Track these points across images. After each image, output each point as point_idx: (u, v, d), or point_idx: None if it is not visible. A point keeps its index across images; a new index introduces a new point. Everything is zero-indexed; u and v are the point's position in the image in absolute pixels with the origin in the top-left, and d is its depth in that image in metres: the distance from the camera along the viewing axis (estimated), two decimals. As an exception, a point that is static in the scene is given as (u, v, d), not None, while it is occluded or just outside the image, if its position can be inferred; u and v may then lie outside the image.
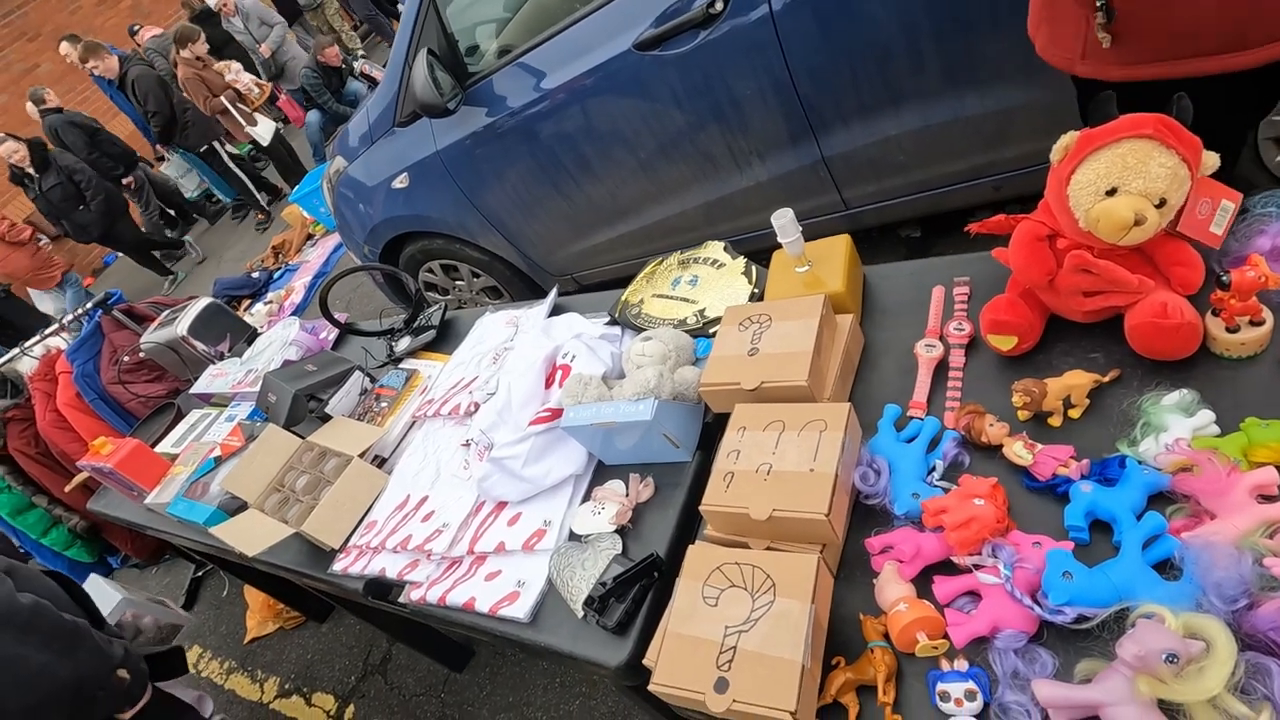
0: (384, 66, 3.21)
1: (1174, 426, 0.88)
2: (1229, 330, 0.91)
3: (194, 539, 2.02)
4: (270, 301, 5.74)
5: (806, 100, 2.22)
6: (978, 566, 0.86)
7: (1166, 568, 0.79)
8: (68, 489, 2.57)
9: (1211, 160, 0.89)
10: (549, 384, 1.49)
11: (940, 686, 0.80)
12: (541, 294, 3.39)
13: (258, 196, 7.39)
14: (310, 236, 6.55)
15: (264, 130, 7.02)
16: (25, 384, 3.01)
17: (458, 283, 3.52)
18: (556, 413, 1.35)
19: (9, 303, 7.17)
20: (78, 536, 3.20)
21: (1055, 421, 0.99)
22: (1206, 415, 0.88)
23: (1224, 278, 0.88)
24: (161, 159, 8.47)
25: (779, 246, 1.33)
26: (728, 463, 1.03)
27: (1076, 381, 0.96)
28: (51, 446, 2.93)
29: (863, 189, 2.45)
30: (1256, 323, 0.90)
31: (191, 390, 2.51)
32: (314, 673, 2.95)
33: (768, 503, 0.94)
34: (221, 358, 2.69)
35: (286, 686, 2.98)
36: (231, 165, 7.18)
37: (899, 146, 2.26)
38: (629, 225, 2.88)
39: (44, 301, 7.55)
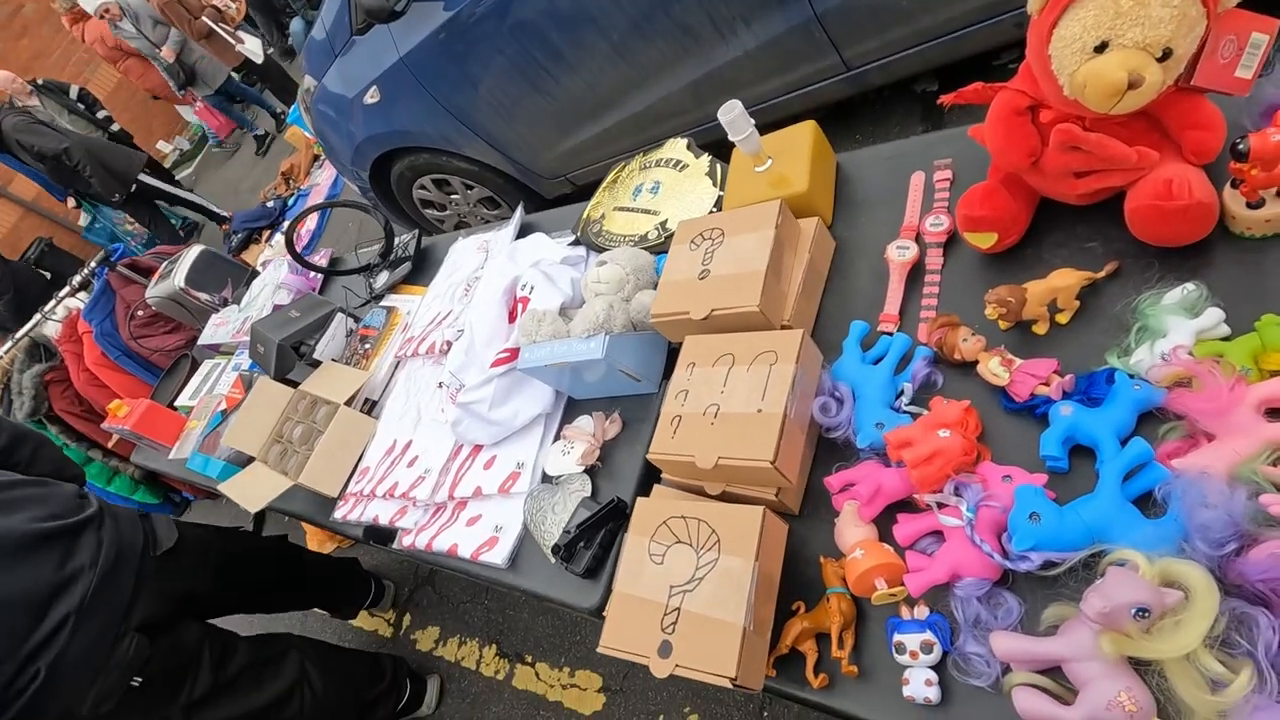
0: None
1: (1174, 330, 0.75)
2: (1251, 205, 0.75)
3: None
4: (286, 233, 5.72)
5: (790, -53, 1.92)
6: (941, 506, 0.78)
7: (1151, 502, 0.70)
8: (110, 444, 2.69)
9: (1236, -13, 0.70)
10: (512, 318, 1.41)
11: (897, 638, 0.75)
12: (538, 200, 3.25)
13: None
14: (316, 157, 6.41)
15: (254, 46, 6.72)
16: (55, 347, 3.11)
17: (453, 197, 3.38)
18: (515, 352, 1.28)
19: (55, 256, 7.21)
20: (139, 483, 3.41)
21: (1041, 329, 0.86)
22: (1214, 314, 0.74)
23: (1240, 145, 0.71)
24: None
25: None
26: (675, 405, 0.95)
27: (1062, 283, 0.82)
28: (93, 404, 3.06)
29: (864, 45, 2.16)
30: (1285, 194, 0.74)
31: (199, 342, 2.53)
32: (372, 586, 3.15)
33: (714, 450, 0.87)
34: (225, 304, 2.69)
35: (350, 600, 3.20)
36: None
37: (902, -12, 1.96)
38: (615, 116, 2.66)
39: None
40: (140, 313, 2.97)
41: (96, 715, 1.42)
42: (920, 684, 0.72)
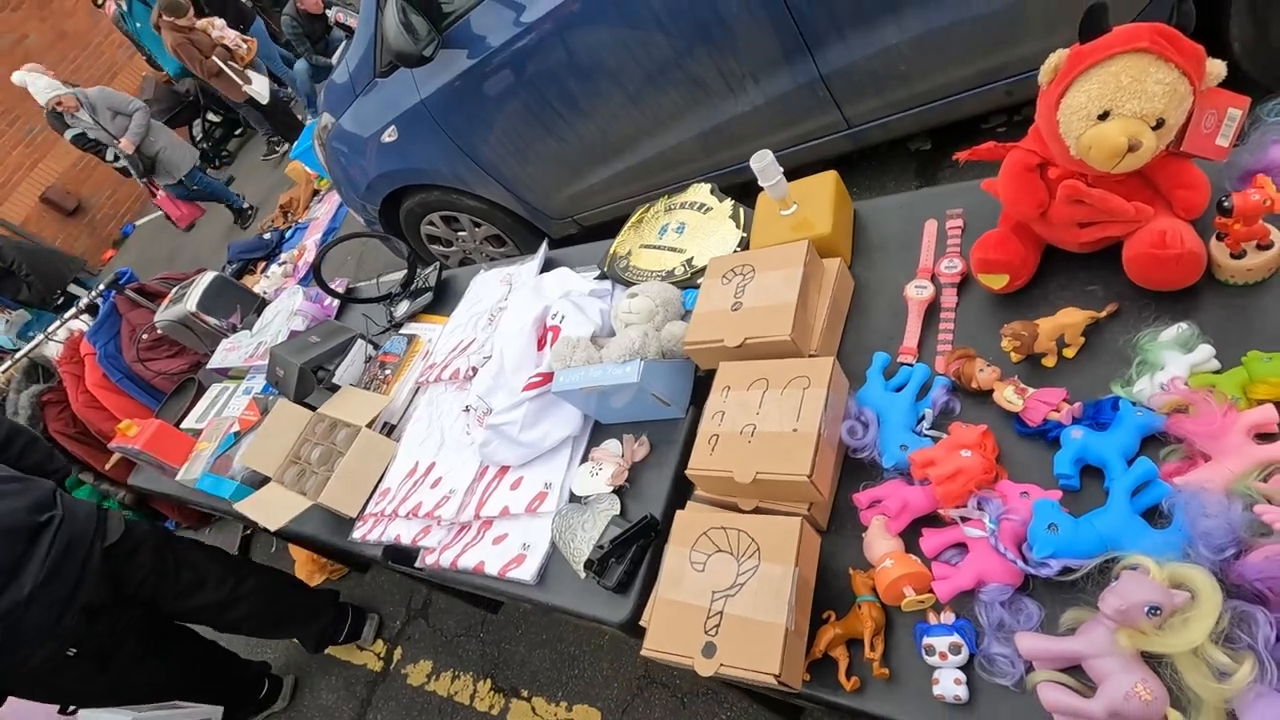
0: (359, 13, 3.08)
1: (1171, 364, 0.84)
2: (1234, 256, 0.86)
3: (225, 509, 2.10)
4: (284, 262, 5.77)
5: (797, 11, 2.07)
6: (964, 519, 0.85)
7: (1156, 515, 0.77)
8: (107, 467, 2.68)
9: (1217, 69, 0.81)
10: (541, 345, 1.48)
11: (926, 640, 0.81)
12: (542, 240, 3.35)
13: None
14: (316, 192, 6.51)
15: (260, 86, 6.86)
16: (55, 368, 3.11)
17: (460, 234, 3.48)
18: (548, 377, 1.35)
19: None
20: (127, 508, 3.36)
21: (1049, 362, 0.95)
22: (1205, 350, 0.83)
23: (1225, 202, 0.81)
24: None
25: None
26: (712, 424, 1.02)
27: (1070, 320, 0.92)
28: (89, 426, 3.04)
29: (865, 105, 2.32)
30: (1264, 246, 0.84)
31: (208, 365, 2.56)
32: (362, 619, 3.11)
33: (751, 465, 0.93)
34: (234, 330, 2.72)
35: (339, 633, 3.15)
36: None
37: (900, 55, 2.11)
38: (624, 162, 2.79)
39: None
40: (145, 336, 2.99)
41: (38, 671, 1.85)
42: (950, 683, 0.78)
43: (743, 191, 1.46)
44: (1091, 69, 0.81)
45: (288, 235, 6.32)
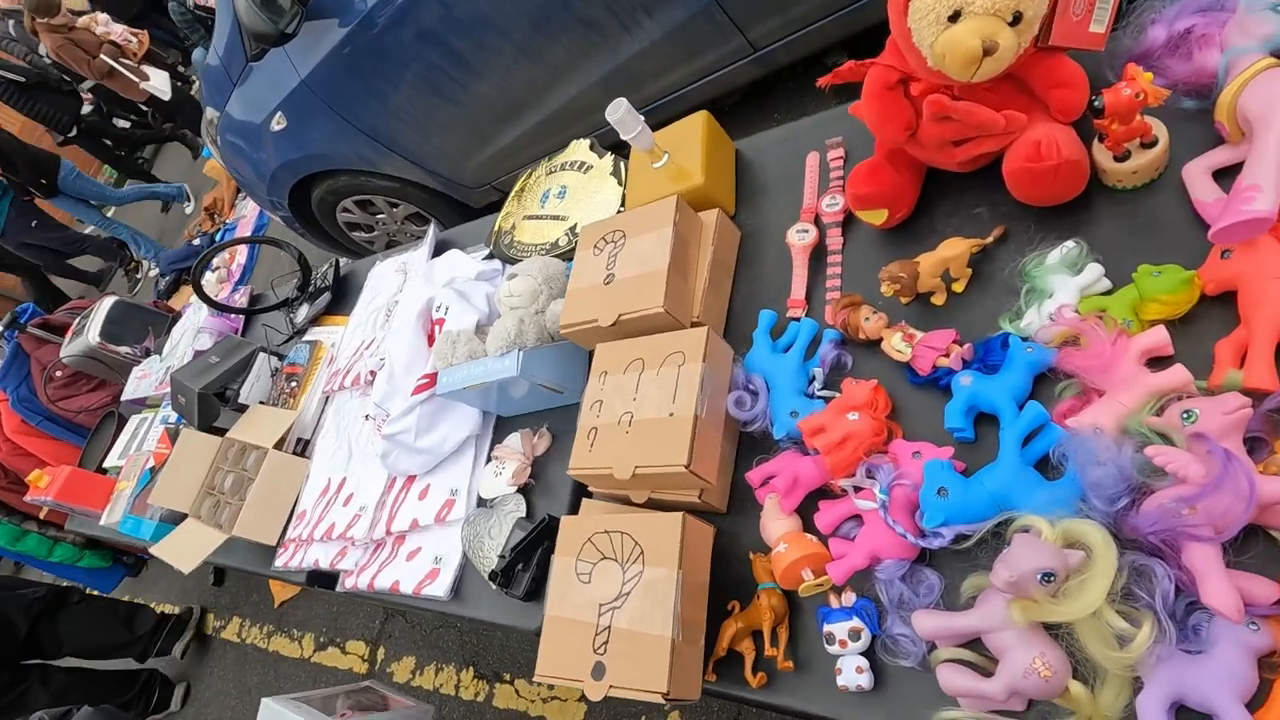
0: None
1: (1059, 290, 0.75)
2: (1118, 159, 0.76)
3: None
4: (217, 268, 5.53)
5: (679, -68, 1.90)
6: (856, 490, 0.78)
7: (1051, 463, 0.70)
8: (42, 514, 2.56)
9: (1077, -55, 0.70)
10: (431, 341, 1.37)
11: (826, 628, 0.75)
12: (465, 212, 3.19)
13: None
14: (240, 189, 6.20)
15: (160, 82, 6.42)
16: (-28, 420, 2.95)
17: (379, 217, 3.29)
18: (434, 377, 1.24)
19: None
20: (83, 548, 3.26)
21: (939, 300, 0.86)
22: (1094, 270, 0.75)
23: (1096, 102, 0.71)
24: None
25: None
26: (591, 416, 0.93)
27: (952, 252, 0.83)
28: (20, 475, 2.90)
29: (768, 25, 2.16)
30: (1148, 144, 0.75)
31: (123, 397, 2.42)
32: (342, 624, 3.08)
33: (629, 459, 0.85)
34: (147, 354, 2.57)
35: (322, 640, 3.12)
36: None
37: (796, -36, 1.96)
38: (531, 118, 2.62)
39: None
40: (58, 373, 2.83)
41: None
42: (851, 672, 0.72)
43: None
44: (935, -37, 0.69)
45: (218, 237, 6.05)
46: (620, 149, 1.39)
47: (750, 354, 0.96)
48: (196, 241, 6.16)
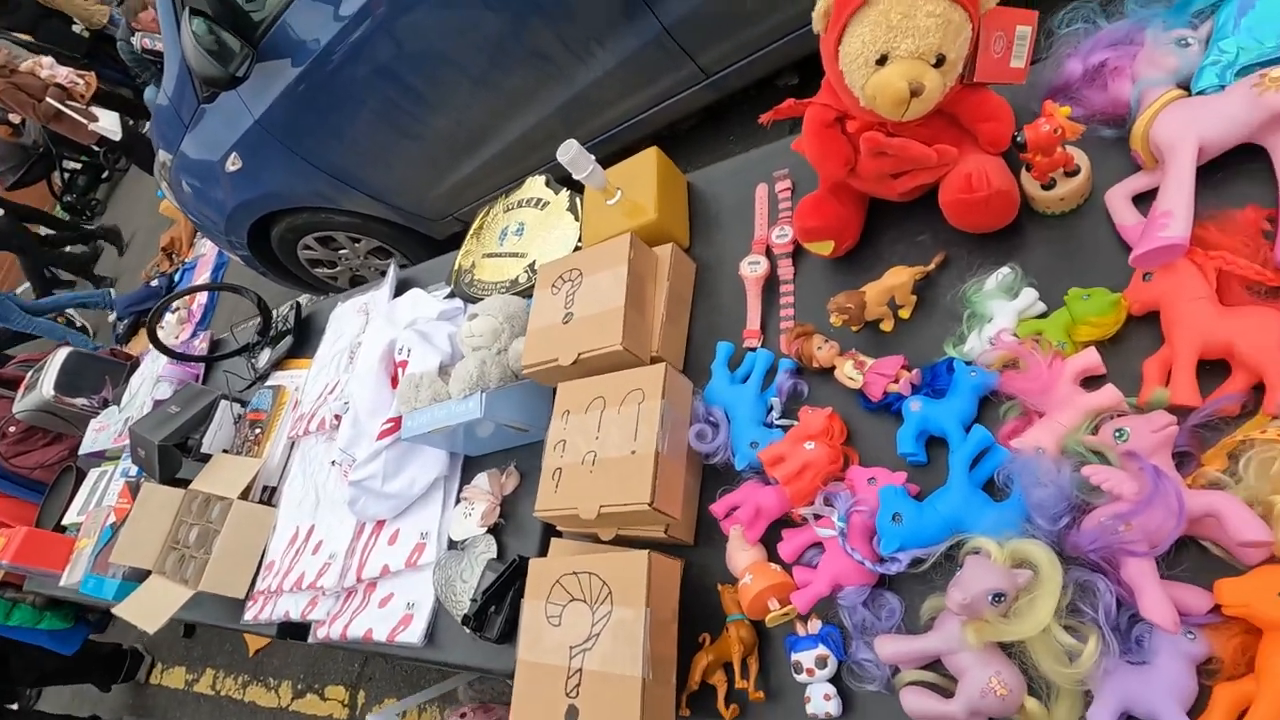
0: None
1: (998, 314, 0.79)
2: (1045, 187, 0.80)
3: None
4: (177, 309, 5.41)
5: (625, -34, 1.94)
6: (816, 517, 0.80)
7: (996, 484, 0.73)
8: (-1, 577, 2.47)
9: (992, -11, 0.74)
10: (395, 383, 1.37)
11: (793, 657, 0.76)
12: (429, 244, 3.18)
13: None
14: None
15: (109, 123, 6.31)
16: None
17: (341, 252, 3.27)
18: (399, 421, 1.24)
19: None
20: (42, 610, 3.14)
21: (888, 327, 0.89)
22: (1029, 294, 0.78)
23: (1019, 137, 0.75)
24: None
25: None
26: (555, 457, 0.94)
27: (896, 281, 0.86)
28: (-26, 536, 2.79)
29: (718, 50, 2.21)
30: (1071, 173, 0.79)
31: (80, 450, 2.35)
32: (320, 669, 3.01)
33: (594, 499, 0.86)
34: (105, 405, 2.51)
35: (299, 687, 3.05)
36: None
37: (741, -7, 2.01)
38: (490, 149, 2.63)
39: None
40: (12, 429, 2.73)
41: None
42: (820, 700, 0.73)
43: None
44: (860, 10, 0.72)
45: (177, 278, 5.93)
46: (576, 184, 1.41)
47: (709, 386, 0.98)
48: (155, 283, 6.03)
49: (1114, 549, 0.60)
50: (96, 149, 6.89)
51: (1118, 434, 0.64)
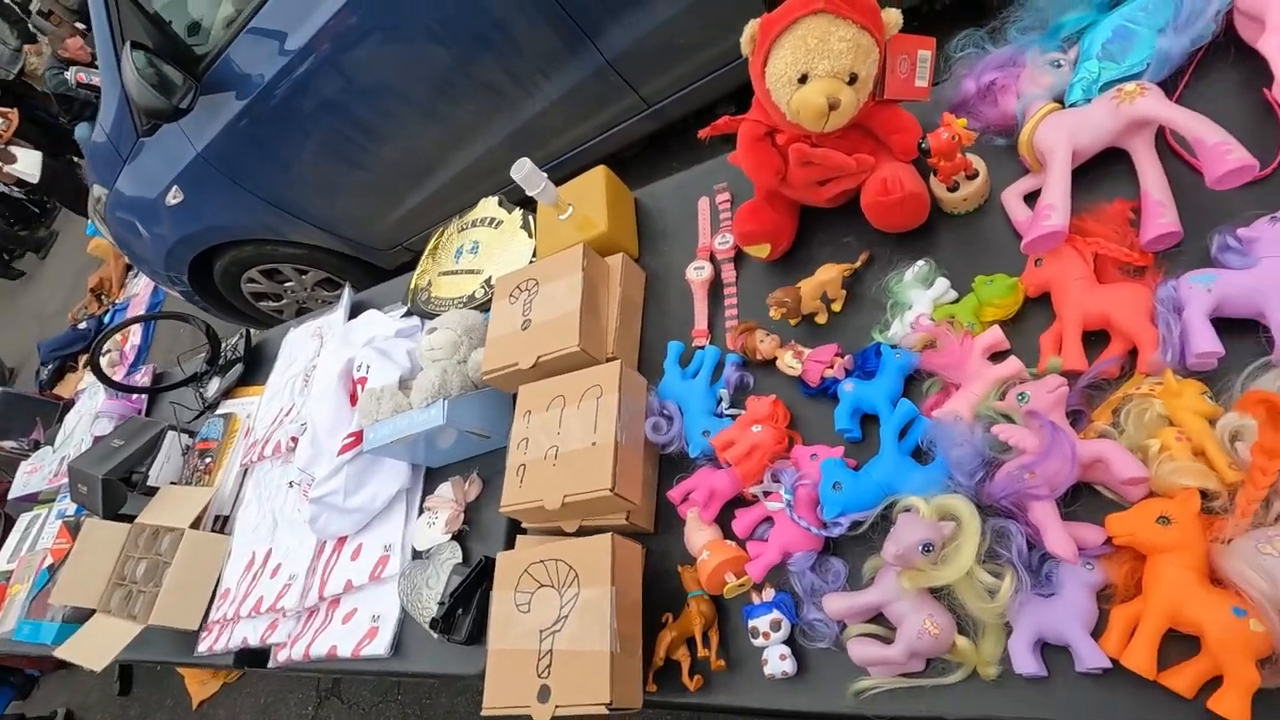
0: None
1: (916, 302, 0.88)
2: (950, 190, 0.90)
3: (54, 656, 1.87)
4: (108, 351, 5.20)
5: (567, 2, 2.04)
6: (765, 494, 0.86)
7: (923, 451, 0.81)
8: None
9: (894, 18, 0.84)
10: (354, 400, 1.39)
11: (750, 623, 0.82)
12: (378, 274, 3.18)
13: None
14: (130, 266, 5.90)
15: (28, 164, 6.09)
16: None
17: (287, 285, 3.24)
18: (359, 435, 1.26)
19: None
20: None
21: (822, 319, 0.98)
22: (942, 284, 0.88)
23: (923, 144, 0.85)
24: None
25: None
26: (519, 454, 0.98)
27: (827, 276, 0.94)
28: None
29: (658, 82, 2.33)
30: (971, 176, 0.89)
31: (10, 496, 2.25)
32: (273, 715, 2.89)
33: (558, 489, 0.91)
34: (37, 447, 2.41)
35: (249, 736, 2.92)
36: None
37: (677, 28, 2.13)
38: (439, 179, 2.68)
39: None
40: (-68, 477, 2.59)
41: None
42: (776, 660, 0.79)
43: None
44: (782, 35, 0.82)
45: (106, 320, 5.69)
46: (528, 204, 1.47)
47: (663, 382, 1.04)
48: (82, 325, 5.78)
49: (1021, 495, 0.69)
50: (15, 191, 6.62)
51: (1020, 397, 0.73)
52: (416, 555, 1.23)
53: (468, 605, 1.08)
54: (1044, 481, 0.68)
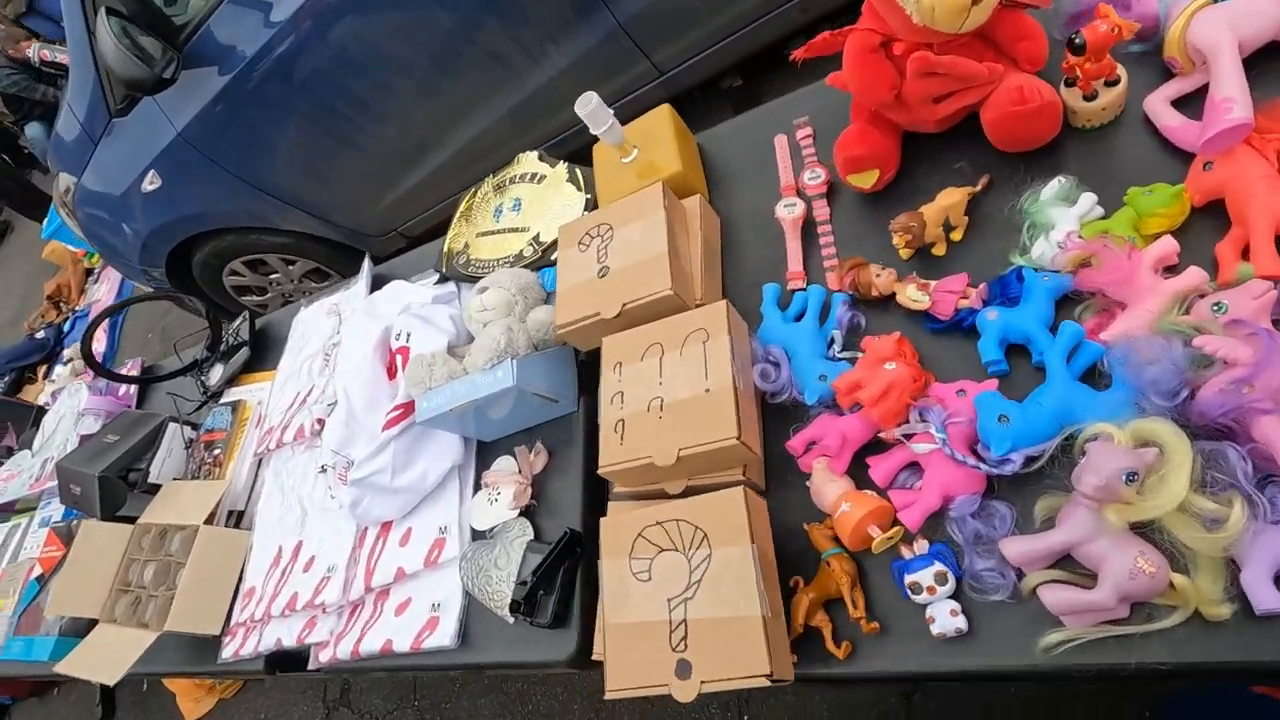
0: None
1: (1060, 220, 0.80)
2: (1087, 99, 0.83)
3: (51, 673, 1.70)
4: (70, 360, 4.90)
5: (581, -38, 1.94)
6: (908, 437, 0.77)
7: (1096, 376, 0.73)
8: (-120, 666, 2.09)
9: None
10: (392, 373, 1.26)
11: (909, 578, 0.73)
12: (372, 262, 3.03)
13: None
14: (89, 271, 5.61)
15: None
16: None
17: (272, 277, 3.06)
18: (409, 406, 1.14)
19: None
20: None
21: (939, 250, 0.89)
22: (1089, 199, 0.80)
23: (1076, 39, 0.77)
24: None
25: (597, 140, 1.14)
26: (614, 410, 0.88)
27: (951, 200, 0.86)
28: None
29: (671, 48, 2.24)
30: (1112, 82, 0.82)
31: (-17, 506, 2.06)
32: (274, 731, 2.72)
33: (671, 443, 0.81)
34: (10, 453, 2.21)
35: (251, 756, 2.75)
36: None
37: (692, -12, 2.05)
38: (436, 158, 2.55)
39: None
40: (-110, 493, 2.37)
41: None
42: (946, 617, 0.70)
43: (574, 160, 1.32)
44: (917, -74, 0.73)
45: (66, 328, 5.39)
46: (570, 158, 1.37)
47: (763, 327, 0.95)
48: (40, 334, 5.47)
49: (1243, 411, 0.61)
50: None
51: (1215, 307, 0.65)
52: (476, 536, 1.12)
53: (550, 585, 0.97)
54: (1266, 394, 0.60)
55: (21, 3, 5.23)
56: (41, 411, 2.28)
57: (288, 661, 1.28)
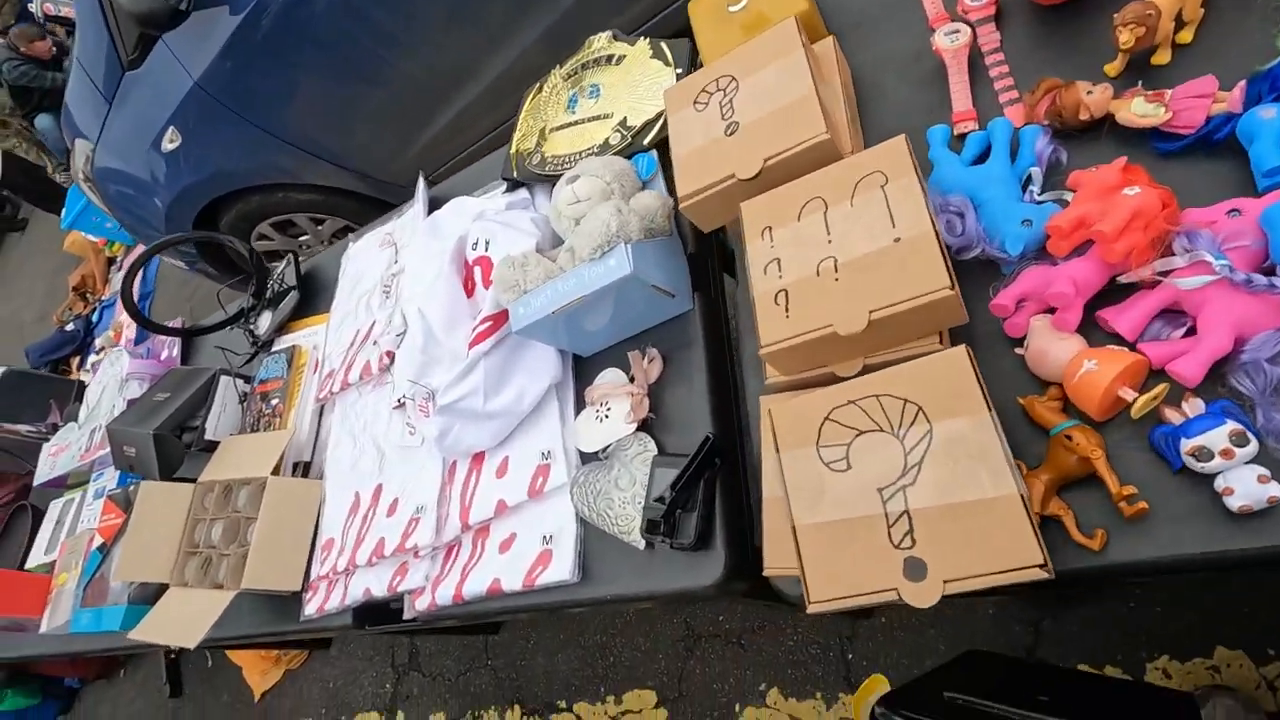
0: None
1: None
2: None
3: (124, 643, 1.61)
4: (101, 350, 4.86)
5: None
6: (1164, 273, 0.61)
7: None
8: (-52, 652, 2.05)
9: None
10: (470, 290, 1.12)
11: (1190, 444, 0.57)
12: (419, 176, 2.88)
13: None
14: (112, 260, 5.55)
15: (-13, 161, 5.68)
16: None
17: (302, 238, 2.93)
18: (499, 318, 1.00)
19: None
20: (4, 686, 2.69)
21: (1163, 57, 0.72)
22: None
23: None
24: None
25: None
26: (770, 281, 0.73)
27: (1185, -13, 0.69)
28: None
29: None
30: None
31: (35, 483, 1.98)
32: (345, 698, 2.67)
33: (858, 306, 0.65)
34: (55, 429, 2.13)
35: (323, 724, 2.70)
36: None
37: None
38: (468, 93, 2.37)
39: None
40: (-60, 476, 2.31)
41: None
42: (1253, 484, 0.55)
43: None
44: None
45: (94, 319, 5.35)
46: (647, 35, 1.20)
47: (936, 173, 0.79)
48: (70, 327, 5.43)
49: None
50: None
51: None
52: (585, 459, 0.99)
53: (690, 500, 0.83)
54: None
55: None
56: (83, 386, 2.20)
57: (378, 616, 1.17)
